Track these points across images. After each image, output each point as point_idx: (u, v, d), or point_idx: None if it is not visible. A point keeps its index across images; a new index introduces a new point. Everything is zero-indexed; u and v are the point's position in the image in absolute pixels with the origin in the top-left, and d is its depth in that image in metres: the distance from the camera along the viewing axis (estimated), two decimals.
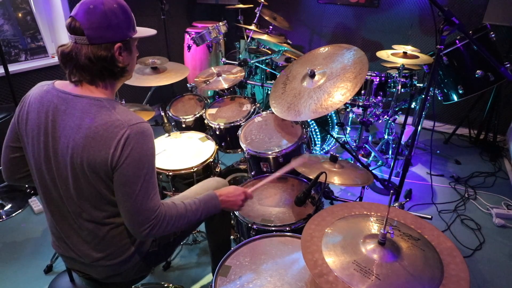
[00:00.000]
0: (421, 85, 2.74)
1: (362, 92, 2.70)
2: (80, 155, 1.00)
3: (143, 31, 1.16)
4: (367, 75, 2.66)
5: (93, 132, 0.99)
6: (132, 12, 1.11)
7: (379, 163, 2.99)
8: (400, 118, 3.58)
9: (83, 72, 1.04)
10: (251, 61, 3.01)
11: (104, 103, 1.03)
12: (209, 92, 3.67)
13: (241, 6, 3.61)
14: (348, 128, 3.18)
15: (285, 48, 2.80)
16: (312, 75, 1.74)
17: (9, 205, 2.50)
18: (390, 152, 3.03)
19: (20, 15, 2.83)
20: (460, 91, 2.72)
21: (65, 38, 1.01)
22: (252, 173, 1.93)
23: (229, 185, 1.63)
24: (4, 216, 2.41)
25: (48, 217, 1.19)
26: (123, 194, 1.03)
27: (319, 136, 2.56)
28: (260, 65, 3.15)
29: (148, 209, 1.04)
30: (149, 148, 1.04)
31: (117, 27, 1.04)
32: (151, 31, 1.20)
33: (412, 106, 3.04)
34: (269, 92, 2.44)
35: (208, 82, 2.48)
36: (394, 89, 2.70)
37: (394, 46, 2.79)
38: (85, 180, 1.04)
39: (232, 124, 2.10)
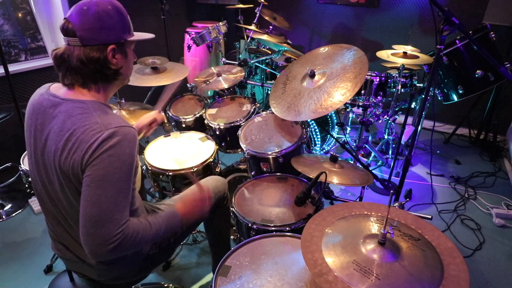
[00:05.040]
0: (421, 85, 2.74)
1: (362, 92, 2.70)
2: (59, 159, 0.98)
3: (141, 35, 1.13)
4: (367, 75, 2.66)
5: (72, 135, 0.96)
6: (128, 15, 1.08)
7: (379, 163, 2.99)
8: (400, 118, 3.58)
9: (75, 74, 1.02)
10: (251, 61, 3.01)
11: (88, 105, 1.01)
12: (209, 92, 3.67)
13: (241, 6, 3.61)
14: (348, 128, 3.18)
15: (285, 48, 2.79)
16: (312, 75, 1.74)
17: (9, 205, 2.50)
18: (390, 152, 3.03)
19: (20, 15, 2.83)
20: (460, 91, 2.72)
21: None
22: (252, 173, 1.93)
23: (227, 185, 1.64)
24: (4, 216, 2.41)
25: (46, 220, 1.19)
26: (88, 198, 0.93)
27: (319, 136, 2.56)
28: (260, 65, 3.15)
29: (114, 221, 0.94)
30: (125, 153, 0.96)
31: (111, 28, 1.01)
32: (149, 35, 1.17)
33: (412, 106, 3.04)
34: (269, 92, 2.44)
35: (208, 82, 2.48)
36: (394, 89, 2.69)
37: (394, 46, 2.79)
38: (69, 184, 1.01)
39: (232, 124, 2.10)
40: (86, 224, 0.94)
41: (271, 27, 3.46)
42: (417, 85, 2.75)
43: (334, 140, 2.69)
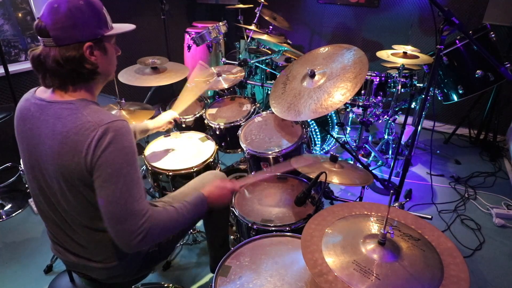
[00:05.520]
0: (421, 85, 2.74)
1: (362, 92, 2.70)
2: (56, 162, 0.97)
3: (120, 28, 1.07)
4: (367, 75, 2.66)
5: (65, 137, 0.95)
6: (104, 8, 1.02)
7: (379, 163, 2.99)
8: (400, 118, 3.58)
9: (53, 76, 0.99)
10: (251, 61, 3.01)
11: (76, 105, 0.98)
12: (209, 92, 3.67)
13: (241, 6, 3.61)
14: (348, 128, 3.18)
15: (285, 48, 2.79)
16: (312, 75, 1.74)
17: (9, 205, 2.50)
18: (390, 152, 3.03)
19: (20, 15, 2.82)
20: (460, 91, 2.72)
21: None
22: (252, 173, 1.93)
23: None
24: (4, 216, 2.41)
25: (44, 223, 1.18)
26: (104, 198, 0.95)
27: (319, 136, 2.56)
28: (260, 65, 3.15)
29: (135, 213, 0.96)
30: (125, 147, 0.96)
31: (85, 25, 0.96)
32: (129, 27, 1.11)
33: (412, 106, 3.04)
34: (269, 92, 2.44)
35: (208, 82, 2.47)
36: (394, 89, 2.69)
37: (394, 46, 2.79)
38: (69, 186, 1.00)
39: (232, 124, 2.10)
40: (110, 223, 0.96)
41: (271, 27, 3.46)
42: (417, 85, 2.75)
43: (334, 140, 2.69)
